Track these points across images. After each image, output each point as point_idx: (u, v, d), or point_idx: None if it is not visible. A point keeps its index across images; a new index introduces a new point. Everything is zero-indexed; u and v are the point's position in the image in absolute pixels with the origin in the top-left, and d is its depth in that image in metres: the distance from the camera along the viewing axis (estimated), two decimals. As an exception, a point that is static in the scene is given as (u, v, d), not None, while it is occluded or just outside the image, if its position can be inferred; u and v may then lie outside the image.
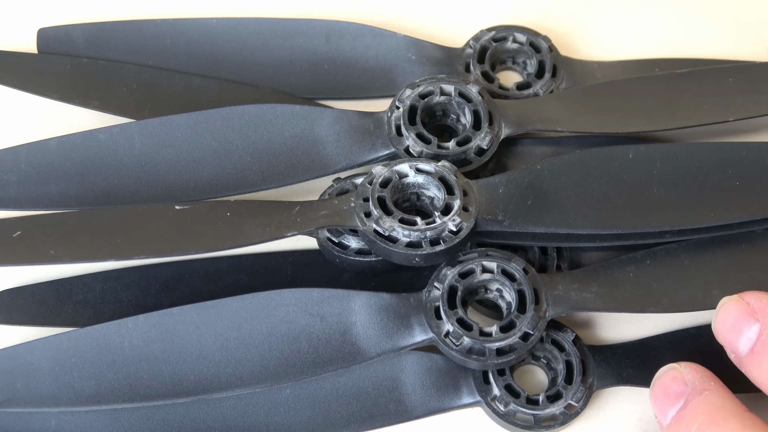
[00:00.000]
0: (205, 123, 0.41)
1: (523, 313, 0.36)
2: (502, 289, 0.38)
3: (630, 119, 0.41)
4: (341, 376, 0.37)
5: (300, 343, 0.36)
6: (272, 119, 0.41)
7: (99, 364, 0.35)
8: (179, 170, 0.40)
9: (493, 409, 0.37)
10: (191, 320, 0.36)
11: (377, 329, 0.36)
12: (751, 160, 0.40)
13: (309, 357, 0.36)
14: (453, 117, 0.42)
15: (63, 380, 0.35)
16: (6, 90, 0.44)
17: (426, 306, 0.37)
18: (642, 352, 0.38)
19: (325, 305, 0.37)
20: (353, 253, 0.39)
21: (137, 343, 0.36)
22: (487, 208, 0.38)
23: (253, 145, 0.41)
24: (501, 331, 0.36)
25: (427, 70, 0.45)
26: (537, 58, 0.45)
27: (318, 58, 0.45)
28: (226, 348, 0.36)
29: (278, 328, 0.36)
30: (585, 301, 0.37)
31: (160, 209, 0.38)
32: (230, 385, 0.36)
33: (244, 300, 0.37)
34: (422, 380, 0.37)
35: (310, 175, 0.41)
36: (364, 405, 0.37)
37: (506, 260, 0.37)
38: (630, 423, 0.38)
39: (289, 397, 0.37)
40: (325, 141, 0.41)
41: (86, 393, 0.35)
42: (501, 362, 0.36)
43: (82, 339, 0.36)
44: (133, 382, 0.35)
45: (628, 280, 0.38)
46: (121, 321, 0.36)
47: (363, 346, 0.36)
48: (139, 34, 0.45)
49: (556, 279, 0.38)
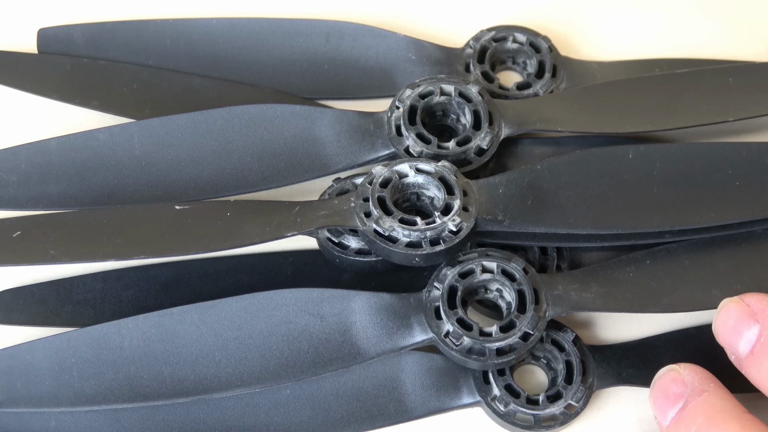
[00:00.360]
0: (206, 123, 0.41)
1: (523, 313, 0.36)
2: (502, 289, 0.37)
3: (630, 119, 0.41)
4: (341, 377, 0.37)
5: (300, 343, 0.36)
6: (272, 119, 0.41)
7: (99, 364, 0.35)
8: (179, 170, 0.40)
9: (493, 409, 0.37)
10: (191, 320, 0.36)
11: (377, 329, 0.36)
12: (751, 160, 0.40)
13: (309, 357, 0.36)
14: (453, 117, 0.42)
15: (63, 380, 0.35)
16: (6, 90, 0.44)
17: (426, 306, 0.37)
18: (642, 352, 0.38)
19: (325, 305, 0.37)
20: (353, 253, 0.39)
21: (137, 343, 0.36)
22: (487, 208, 0.38)
23: (253, 145, 0.41)
24: (501, 331, 0.36)
25: (427, 70, 0.45)
26: (537, 58, 0.45)
27: (318, 58, 0.45)
28: (226, 348, 0.36)
29: (278, 328, 0.36)
30: (585, 301, 0.37)
31: (160, 209, 0.38)
32: (230, 385, 0.36)
33: (244, 300, 0.36)
34: (422, 380, 0.37)
35: (310, 175, 0.41)
36: (365, 405, 0.37)
37: (506, 260, 0.37)
38: (630, 423, 0.38)
39: (289, 397, 0.37)
40: (325, 141, 0.41)
41: (86, 393, 0.35)
42: (501, 362, 0.36)
43: (82, 339, 0.36)
44: (133, 382, 0.35)
45: (628, 280, 0.38)
46: (121, 321, 0.36)
47: (363, 346, 0.36)
48: (138, 35, 0.45)
49: (556, 279, 0.38)
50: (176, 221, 0.37)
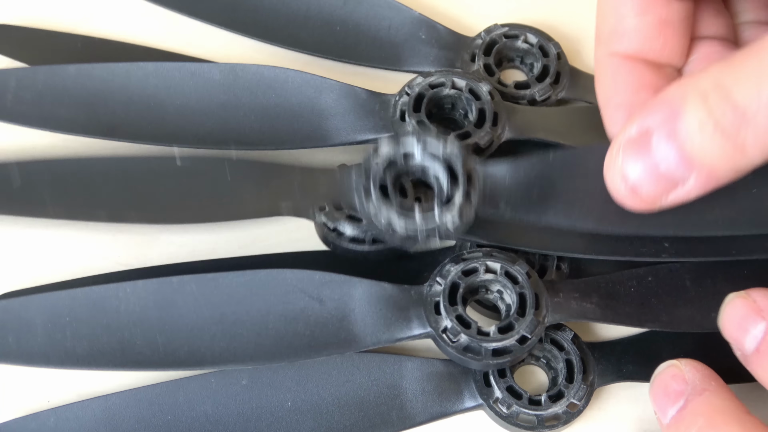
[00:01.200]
0: (218, 75, 0.41)
1: (523, 317, 0.36)
2: (503, 290, 0.37)
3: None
4: (342, 386, 0.36)
5: (297, 325, 0.36)
6: (283, 83, 0.41)
7: (93, 325, 0.35)
8: (185, 116, 0.41)
9: (496, 411, 0.37)
10: (190, 291, 0.36)
11: (375, 318, 0.36)
12: None
13: (305, 339, 0.36)
14: (461, 112, 0.42)
15: (55, 339, 0.35)
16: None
17: (426, 300, 0.37)
18: (641, 348, 0.38)
19: (326, 289, 0.36)
20: (347, 241, 0.39)
21: (134, 308, 0.35)
22: (491, 197, 0.36)
23: (259, 104, 0.41)
24: (499, 332, 0.36)
25: (433, 53, 0.45)
26: (543, 62, 0.45)
27: (332, 18, 0.45)
28: (222, 322, 0.36)
29: (276, 307, 0.36)
30: (584, 310, 0.37)
31: (161, 163, 0.37)
32: (223, 359, 0.35)
33: (245, 276, 0.36)
34: (423, 386, 0.37)
35: (309, 144, 0.41)
36: (366, 414, 0.36)
37: (510, 262, 0.37)
38: (632, 421, 0.38)
39: (291, 410, 0.36)
40: (329, 113, 0.41)
41: (77, 353, 0.35)
42: (496, 363, 0.36)
43: (79, 299, 0.35)
44: (126, 347, 0.35)
45: (629, 294, 0.38)
46: (120, 285, 0.36)
47: (359, 334, 0.36)
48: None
49: (558, 286, 0.38)
50: (176, 180, 0.37)
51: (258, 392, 0.36)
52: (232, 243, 0.41)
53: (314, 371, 0.37)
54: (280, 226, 0.41)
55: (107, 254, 0.41)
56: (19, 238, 0.41)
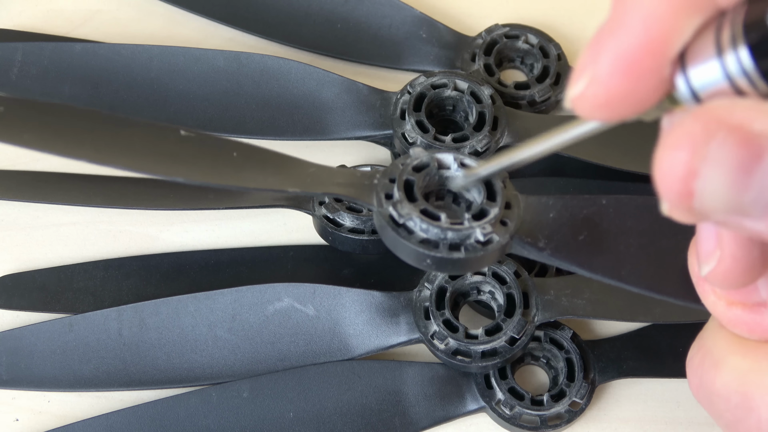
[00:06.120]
0: (223, 62, 0.42)
1: (510, 317, 0.36)
2: (494, 291, 0.37)
3: (632, 159, 0.40)
4: (344, 395, 0.37)
5: (291, 337, 0.37)
6: (286, 73, 0.42)
7: (99, 348, 0.37)
8: (186, 100, 0.41)
9: (499, 413, 0.36)
10: (187, 310, 0.37)
11: (366, 326, 0.37)
12: None
13: (299, 350, 0.37)
14: (462, 114, 0.42)
15: (64, 363, 0.37)
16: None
17: (415, 305, 0.37)
18: (640, 343, 0.38)
19: (317, 300, 0.37)
20: (346, 231, 0.39)
21: (135, 330, 0.37)
22: (530, 230, 0.31)
23: (261, 93, 0.42)
24: (486, 334, 0.36)
25: (434, 51, 0.45)
26: (543, 63, 0.44)
27: (333, 16, 0.45)
28: (218, 338, 0.37)
29: (271, 320, 0.37)
30: (576, 307, 0.37)
31: (164, 128, 0.31)
32: (221, 374, 0.37)
33: (238, 292, 0.37)
34: (425, 391, 0.37)
35: (307, 136, 0.41)
36: (369, 421, 0.36)
37: (497, 263, 0.37)
38: (633, 419, 0.38)
39: (293, 420, 0.36)
40: (330, 107, 0.41)
41: (85, 376, 0.37)
42: (486, 365, 0.36)
43: (83, 324, 0.37)
44: (129, 367, 0.37)
45: (621, 288, 0.37)
46: (121, 308, 0.37)
47: (352, 342, 0.37)
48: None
49: (549, 284, 0.37)
50: (177, 147, 0.31)
51: (259, 404, 0.37)
52: (231, 239, 0.42)
53: (315, 381, 0.37)
54: (279, 220, 0.42)
55: (111, 242, 0.41)
56: (27, 220, 0.42)
